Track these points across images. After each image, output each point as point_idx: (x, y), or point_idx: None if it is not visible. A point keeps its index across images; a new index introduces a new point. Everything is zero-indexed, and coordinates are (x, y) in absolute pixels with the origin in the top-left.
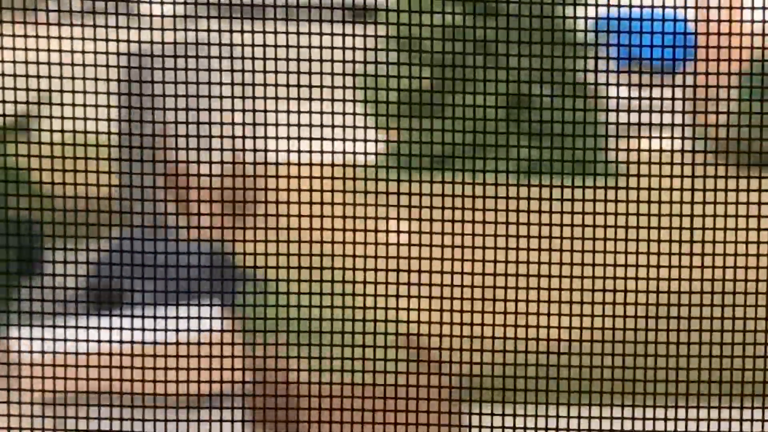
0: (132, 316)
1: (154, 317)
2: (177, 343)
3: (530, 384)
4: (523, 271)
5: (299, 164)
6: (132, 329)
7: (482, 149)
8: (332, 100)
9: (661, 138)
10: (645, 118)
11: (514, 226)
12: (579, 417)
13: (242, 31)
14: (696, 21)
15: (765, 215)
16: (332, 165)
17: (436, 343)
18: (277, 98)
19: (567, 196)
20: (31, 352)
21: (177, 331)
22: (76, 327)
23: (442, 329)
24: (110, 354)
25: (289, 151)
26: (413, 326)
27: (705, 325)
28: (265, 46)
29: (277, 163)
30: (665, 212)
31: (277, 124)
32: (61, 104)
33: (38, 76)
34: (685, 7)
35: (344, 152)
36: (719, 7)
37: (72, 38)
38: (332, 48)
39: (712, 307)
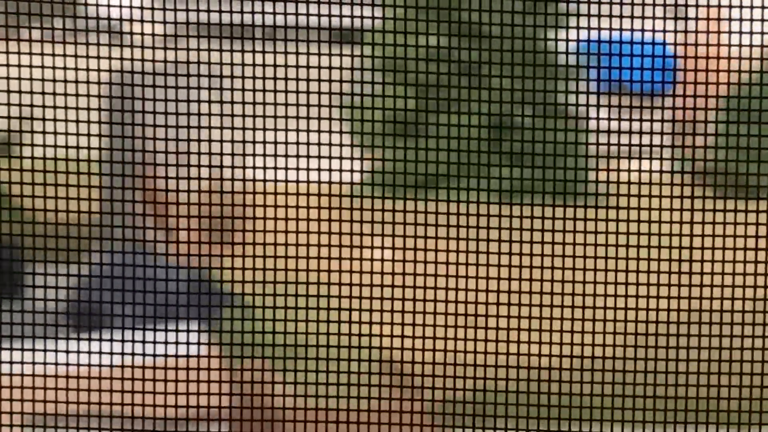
0: (119, 339)
1: (143, 341)
2: (163, 367)
3: (512, 408)
4: (503, 293)
5: (281, 182)
6: (121, 353)
7: (465, 170)
8: (309, 118)
9: (640, 160)
10: (628, 141)
11: (483, 244)
12: None
13: (230, 50)
14: (675, 44)
15: (741, 234)
16: (309, 184)
17: (418, 365)
18: (255, 117)
19: (549, 217)
20: (12, 374)
21: (165, 355)
22: (63, 350)
23: (414, 351)
24: (95, 376)
25: (265, 171)
26: (394, 345)
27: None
28: (254, 65)
29: (253, 182)
30: (647, 233)
31: (253, 142)
32: (51, 123)
33: (24, 94)
34: (665, 31)
35: (327, 170)
36: (697, 32)
37: (61, 55)
38: (308, 68)
39: (689, 328)
